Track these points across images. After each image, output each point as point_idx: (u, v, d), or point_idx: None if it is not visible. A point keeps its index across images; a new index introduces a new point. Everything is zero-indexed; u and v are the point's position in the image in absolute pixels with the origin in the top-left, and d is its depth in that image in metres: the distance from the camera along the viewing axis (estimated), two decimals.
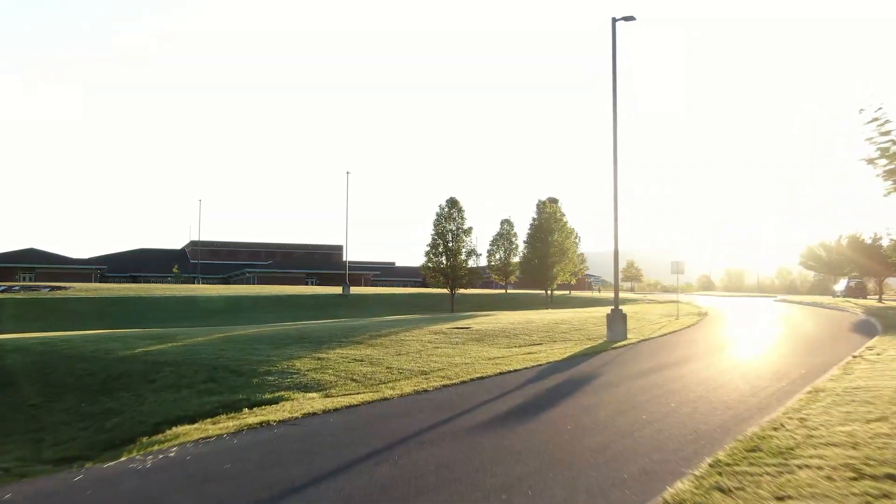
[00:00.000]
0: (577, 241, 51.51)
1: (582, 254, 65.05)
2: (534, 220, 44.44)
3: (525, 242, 45.20)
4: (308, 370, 13.71)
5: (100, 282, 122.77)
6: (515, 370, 13.84)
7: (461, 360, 15.23)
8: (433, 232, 44.91)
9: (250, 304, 50.22)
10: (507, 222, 66.13)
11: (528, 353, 16.75)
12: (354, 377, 13.09)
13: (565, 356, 16.16)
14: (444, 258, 44.43)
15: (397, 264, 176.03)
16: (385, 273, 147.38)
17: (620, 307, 21.68)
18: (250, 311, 48.41)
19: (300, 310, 48.98)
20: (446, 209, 44.77)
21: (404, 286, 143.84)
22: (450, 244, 44.34)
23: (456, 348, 17.46)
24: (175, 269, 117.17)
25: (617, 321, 20.17)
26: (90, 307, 48.31)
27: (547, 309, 42.20)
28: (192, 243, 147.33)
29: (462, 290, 46.26)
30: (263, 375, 13.21)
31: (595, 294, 66.99)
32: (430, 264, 44.63)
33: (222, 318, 45.73)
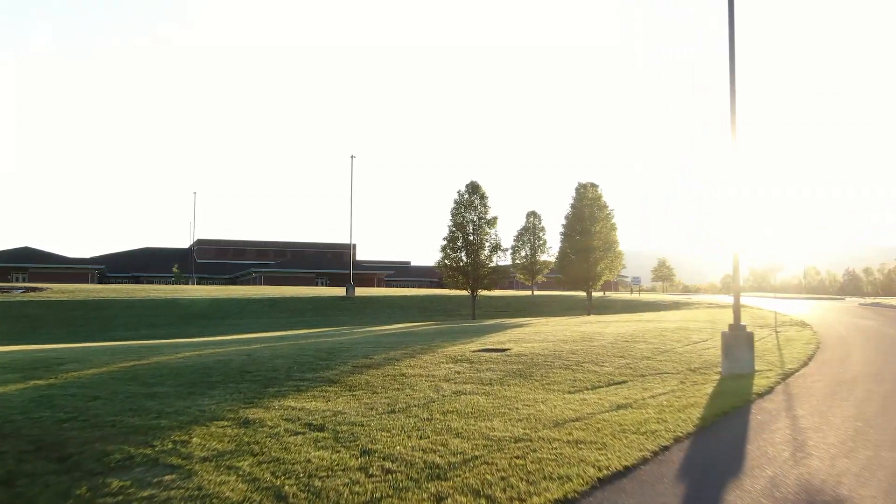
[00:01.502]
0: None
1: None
2: (572, 207, 37.24)
3: (562, 234, 37.97)
4: (199, 460, 6.67)
5: (99, 282, 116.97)
6: (619, 471, 6.60)
7: (504, 430, 8.09)
8: (450, 223, 37.85)
9: (237, 308, 43.39)
10: (533, 215, 58.94)
11: (617, 409, 9.54)
12: (285, 493, 5.98)
13: (693, 420, 8.91)
14: (463, 254, 37.34)
15: (413, 264, 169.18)
16: (399, 273, 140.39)
17: (666, 311, 14.41)
18: (236, 316, 41.59)
19: (295, 315, 42.12)
20: (466, 196, 37.67)
21: (419, 287, 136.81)
22: (470, 237, 37.23)
23: (491, 395, 10.36)
24: (175, 269, 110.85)
25: (740, 346, 12.80)
26: (55, 312, 41.76)
27: (588, 315, 34.94)
28: (199, 242, 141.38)
29: (484, 292, 39.08)
30: (93, 477, 6.18)
31: (634, 296, 59.05)
32: (447, 261, 37.57)
33: (201, 326, 38.99)
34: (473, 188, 37.57)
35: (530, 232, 57.60)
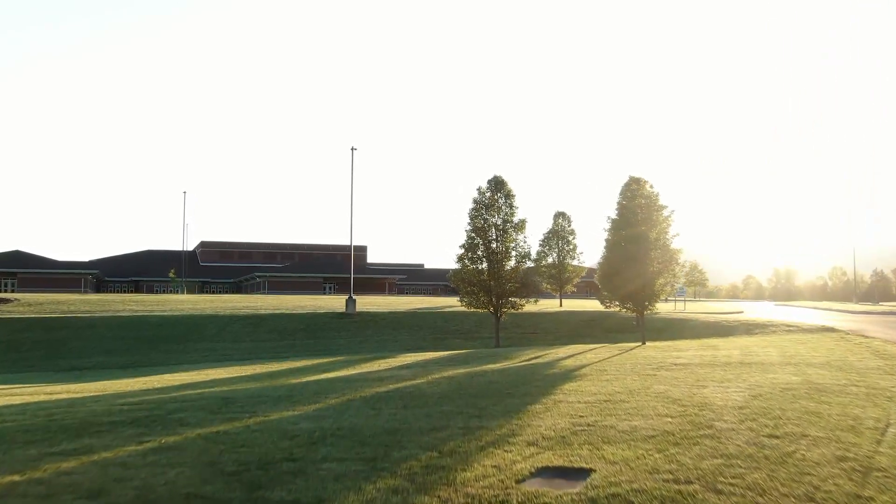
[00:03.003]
0: None
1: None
2: (620, 207, 30.31)
3: (606, 242, 30.81)
4: None
5: (95, 288, 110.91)
6: None
7: None
8: (469, 227, 30.92)
9: (215, 328, 36.75)
10: (561, 216, 51.97)
11: None
12: None
13: None
14: (484, 265, 30.39)
15: (426, 266, 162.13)
16: (412, 276, 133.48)
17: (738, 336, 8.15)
18: (212, 338, 34.97)
19: (283, 337, 35.43)
20: (488, 194, 30.72)
21: (433, 292, 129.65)
22: (493, 244, 30.29)
23: None
24: (171, 274, 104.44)
25: None
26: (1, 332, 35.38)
27: (643, 344, 27.89)
28: (202, 244, 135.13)
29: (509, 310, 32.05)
30: None
31: (689, 314, 51.18)
32: (463, 274, 30.62)
33: (167, 351, 32.43)
34: (497, 185, 30.59)
35: (558, 235, 50.61)
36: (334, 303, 52.16)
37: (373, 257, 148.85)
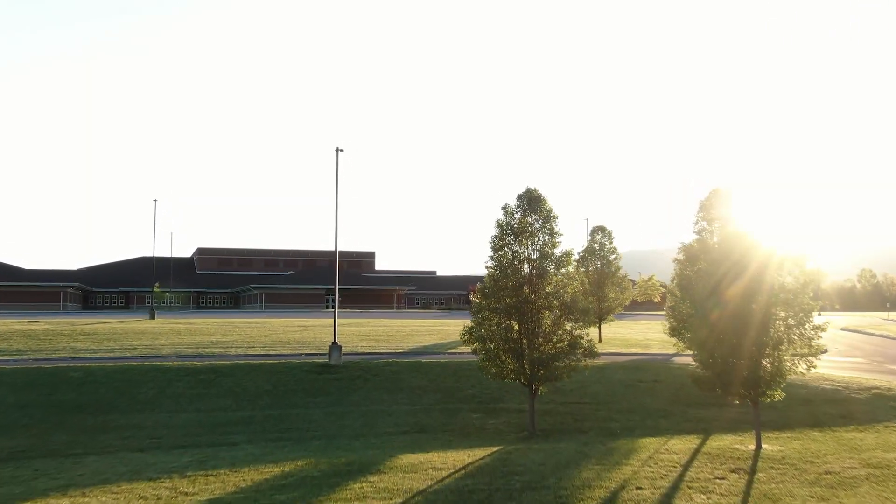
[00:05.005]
0: None
1: None
2: (702, 233, 21.25)
3: (677, 284, 21.67)
4: None
5: (82, 300, 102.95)
6: None
7: None
8: (491, 264, 21.60)
9: (154, 388, 27.83)
10: (600, 232, 42.61)
11: None
12: None
13: None
14: (514, 320, 21.15)
15: (439, 273, 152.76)
16: (424, 285, 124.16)
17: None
18: (146, 405, 26.17)
19: (240, 403, 26.56)
20: (519, 215, 21.45)
21: (446, 302, 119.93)
22: (525, 289, 21.02)
23: None
24: (156, 288, 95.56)
25: None
26: None
27: (761, 448, 18.61)
28: (199, 251, 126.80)
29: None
30: None
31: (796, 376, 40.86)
32: (483, 331, 21.36)
33: (80, 429, 23.61)
34: (531, 202, 21.26)
35: (597, 256, 41.24)
36: (326, 333, 43.19)
37: (382, 264, 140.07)
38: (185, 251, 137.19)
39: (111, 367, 30.57)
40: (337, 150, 32.00)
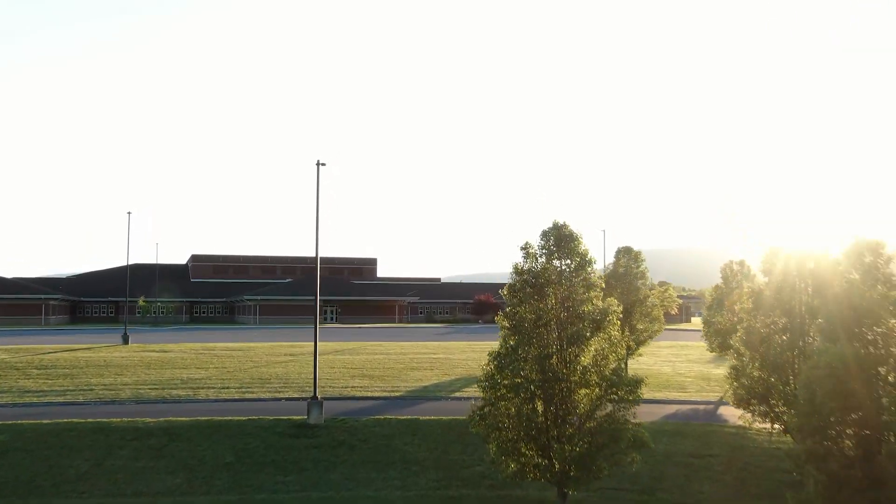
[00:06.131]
0: None
1: None
2: (769, 278, 16.09)
3: (745, 329, 16.41)
4: None
5: (66, 312, 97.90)
6: None
7: None
8: (507, 319, 16.46)
9: (92, 459, 22.68)
10: (626, 254, 37.28)
11: None
12: None
13: None
14: (539, 400, 15.90)
15: (444, 280, 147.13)
16: (428, 293, 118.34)
17: None
18: (76, 487, 21.03)
19: (191, 482, 21.46)
20: (542, 257, 16.23)
21: (451, 312, 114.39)
22: (552, 359, 15.78)
23: None
24: (142, 302, 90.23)
25: None
26: None
27: None
28: (194, 258, 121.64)
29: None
30: None
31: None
32: (495, 413, 16.10)
33: None
34: (560, 241, 15.86)
35: (623, 282, 35.82)
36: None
37: (384, 271, 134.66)
38: (182, 257, 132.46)
39: (47, 427, 25.33)
40: (318, 164, 26.85)
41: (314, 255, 35.32)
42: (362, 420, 25.97)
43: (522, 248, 16.42)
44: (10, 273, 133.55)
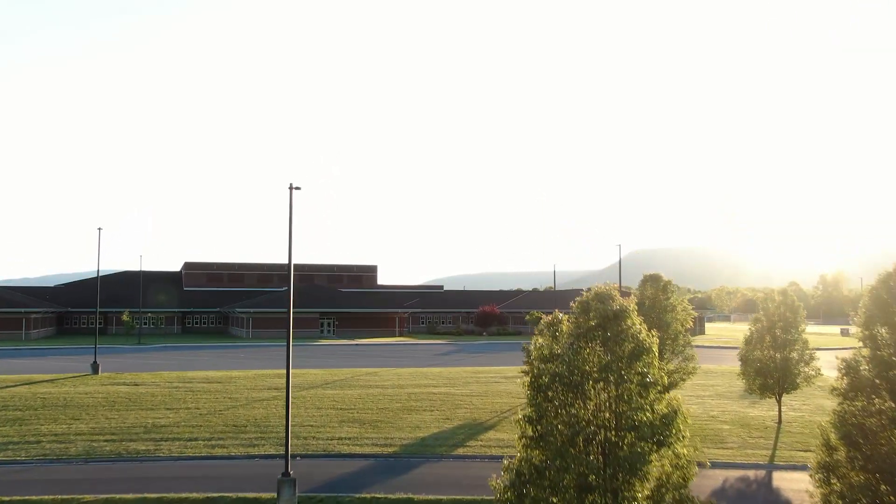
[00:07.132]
0: None
1: None
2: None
3: (839, 417, 12.10)
4: None
5: (52, 324, 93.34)
6: None
7: None
8: (524, 434, 11.86)
9: None
10: (653, 282, 32.73)
11: None
12: None
13: None
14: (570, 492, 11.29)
15: (447, 287, 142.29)
16: (430, 302, 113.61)
17: None
18: None
19: None
20: (580, 334, 11.67)
21: (454, 322, 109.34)
22: (597, 483, 11.24)
23: None
24: (125, 317, 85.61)
25: None
26: None
27: None
28: (187, 265, 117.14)
29: None
30: None
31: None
32: None
33: None
34: (607, 321, 11.47)
35: (650, 316, 31.10)
36: (304, 404, 33.53)
37: (384, 278, 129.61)
38: (175, 265, 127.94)
39: None
40: (291, 188, 22.16)
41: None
42: (345, 502, 21.35)
43: (538, 330, 11.87)
44: (6, 274, 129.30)
